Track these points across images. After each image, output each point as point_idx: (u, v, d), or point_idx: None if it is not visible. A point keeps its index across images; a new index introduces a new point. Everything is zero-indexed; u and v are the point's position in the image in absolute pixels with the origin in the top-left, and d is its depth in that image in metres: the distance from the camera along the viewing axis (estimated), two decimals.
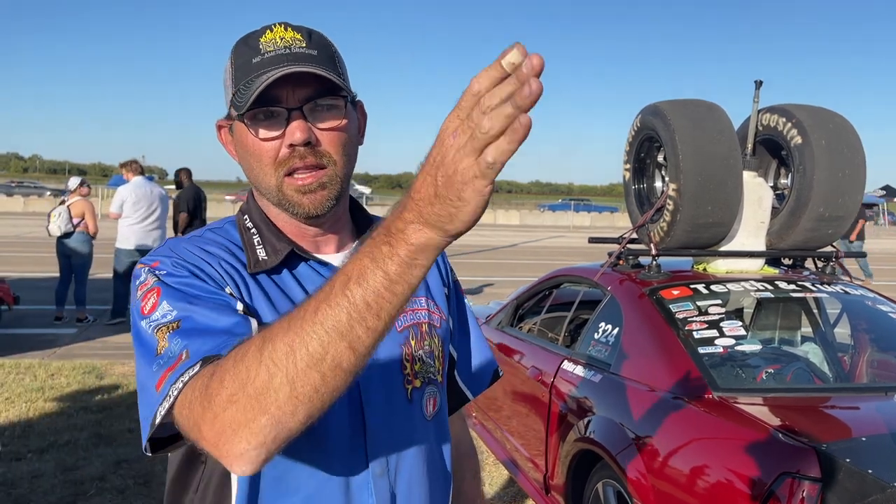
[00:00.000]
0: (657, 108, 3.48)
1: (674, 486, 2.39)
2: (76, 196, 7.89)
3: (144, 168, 8.24)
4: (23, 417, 4.85)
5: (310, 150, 0.98)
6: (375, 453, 1.03)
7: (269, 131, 0.98)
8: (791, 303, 3.46)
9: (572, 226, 33.61)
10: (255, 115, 0.98)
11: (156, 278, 0.96)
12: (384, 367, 1.05)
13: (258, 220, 1.08)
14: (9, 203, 31.47)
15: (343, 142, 1.02)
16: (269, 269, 1.03)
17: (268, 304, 1.00)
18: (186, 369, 0.83)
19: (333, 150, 1.00)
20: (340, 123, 1.01)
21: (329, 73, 0.98)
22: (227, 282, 0.99)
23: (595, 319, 3.43)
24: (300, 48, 0.99)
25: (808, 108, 3.48)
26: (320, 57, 1.00)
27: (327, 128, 1.00)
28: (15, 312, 7.75)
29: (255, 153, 1.00)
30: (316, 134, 0.99)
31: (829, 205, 3.35)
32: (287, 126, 0.98)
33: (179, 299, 0.92)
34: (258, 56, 0.98)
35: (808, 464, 2.05)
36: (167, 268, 0.97)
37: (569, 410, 3.20)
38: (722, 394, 2.57)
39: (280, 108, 0.97)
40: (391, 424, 1.05)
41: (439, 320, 1.18)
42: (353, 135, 1.05)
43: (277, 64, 0.96)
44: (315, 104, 0.99)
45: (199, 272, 0.97)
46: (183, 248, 1.01)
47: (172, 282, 0.95)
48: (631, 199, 3.93)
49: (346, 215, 1.14)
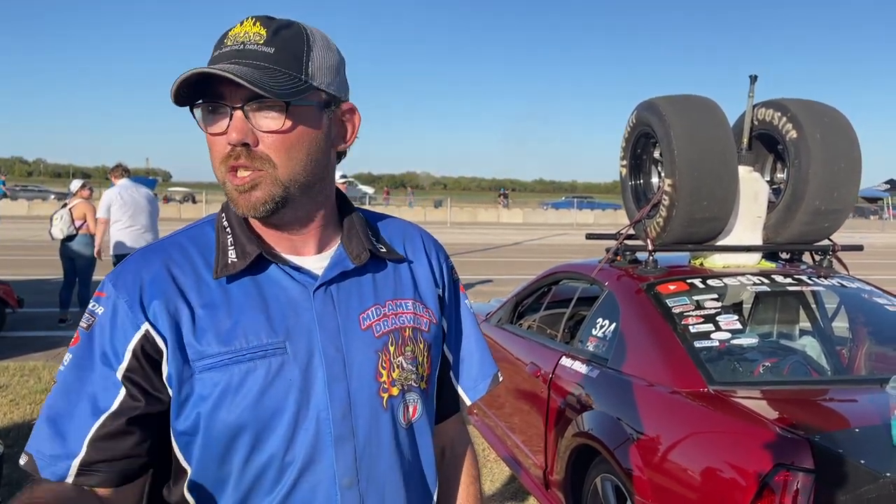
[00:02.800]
0: (652, 104, 3.49)
1: (670, 479, 2.41)
2: (77, 199, 7.89)
3: (148, 171, 8.23)
4: (27, 419, 4.89)
5: (245, 150, 0.97)
6: (343, 464, 1.02)
7: (214, 127, 0.99)
8: (788, 296, 3.48)
9: (576, 223, 33.59)
10: (207, 109, 0.99)
11: (87, 322, 1.01)
12: (358, 375, 1.04)
13: (233, 220, 1.07)
14: (13, 207, 31.59)
15: (287, 145, 0.99)
16: (237, 273, 1.03)
17: (226, 310, 1.00)
18: (23, 451, 0.98)
19: (273, 154, 0.98)
20: (280, 126, 0.98)
21: (267, 73, 0.95)
22: (162, 317, 0.99)
23: (593, 315, 3.44)
24: (253, 45, 0.97)
25: (802, 102, 3.49)
26: (275, 56, 0.97)
27: (267, 130, 0.98)
28: (19, 315, 7.80)
29: (209, 146, 1.01)
30: (257, 135, 0.98)
31: (824, 198, 3.36)
32: (229, 124, 0.98)
33: (71, 364, 1.00)
34: (218, 50, 0.99)
35: (802, 455, 2.06)
36: (99, 317, 1.00)
37: (567, 406, 3.22)
38: (718, 387, 2.59)
39: (224, 104, 0.97)
40: (362, 434, 1.03)
41: (427, 323, 1.14)
42: (308, 138, 1.01)
43: (223, 60, 0.96)
44: (259, 105, 0.97)
45: (108, 335, 0.99)
46: (131, 273, 1.02)
47: (83, 338, 1.01)
48: (628, 195, 3.95)
49: (329, 217, 1.11)
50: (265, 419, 0.98)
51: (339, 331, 1.04)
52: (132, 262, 1.04)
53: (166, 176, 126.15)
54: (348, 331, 1.05)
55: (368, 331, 1.07)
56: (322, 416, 1.01)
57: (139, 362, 0.98)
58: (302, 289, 1.04)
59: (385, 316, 1.09)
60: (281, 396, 0.99)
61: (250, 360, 0.98)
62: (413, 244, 1.21)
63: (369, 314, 1.08)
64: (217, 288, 1.02)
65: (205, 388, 0.98)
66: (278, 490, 1.00)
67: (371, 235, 1.14)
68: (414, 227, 1.26)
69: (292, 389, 0.99)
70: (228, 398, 0.97)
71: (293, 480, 1.00)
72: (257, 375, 0.98)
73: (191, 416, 0.99)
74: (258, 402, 0.98)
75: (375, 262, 1.12)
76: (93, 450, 0.96)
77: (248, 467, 1.00)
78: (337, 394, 1.02)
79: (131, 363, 0.98)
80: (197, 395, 0.98)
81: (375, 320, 1.08)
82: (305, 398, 1.00)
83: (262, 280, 1.04)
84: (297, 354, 1.01)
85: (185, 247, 1.06)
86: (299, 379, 1.00)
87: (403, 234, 1.22)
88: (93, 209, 7.88)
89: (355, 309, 1.07)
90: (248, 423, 0.98)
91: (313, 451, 1.00)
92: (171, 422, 1.01)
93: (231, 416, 0.97)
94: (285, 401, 0.99)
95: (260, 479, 1.00)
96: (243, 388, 0.98)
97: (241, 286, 1.03)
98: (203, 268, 1.04)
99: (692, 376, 2.66)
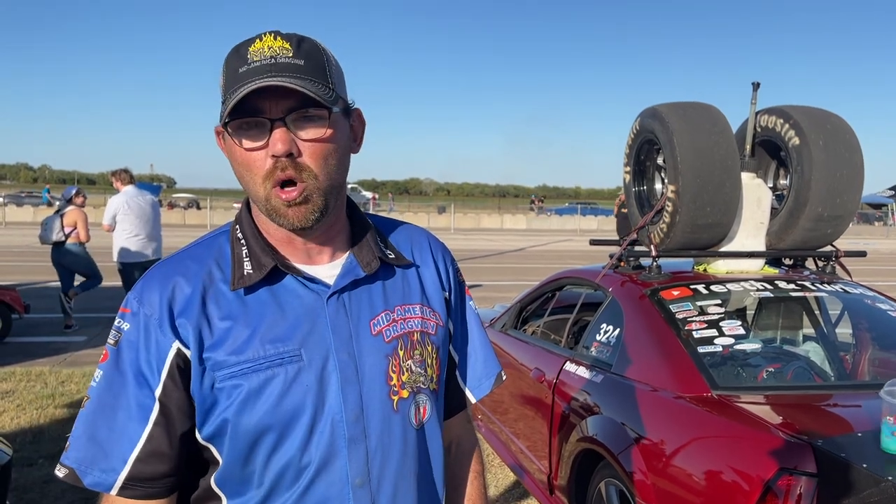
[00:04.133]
0: (656, 111, 3.51)
1: (674, 484, 2.42)
2: (71, 206, 7.85)
3: (153, 177, 8.26)
4: (34, 424, 4.92)
5: (290, 161, 1.00)
6: (356, 464, 1.05)
7: (253, 142, 1.00)
8: (791, 302, 3.49)
9: (579, 229, 33.60)
10: (240, 126, 1.00)
11: (115, 339, 1.06)
12: (369, 379, 1.07)
13: (248, 232, 1.10)
14: (19, 213, 31.76)
15: (327, 153, 1.02)
16: (253, 285, 1.06)
17: (244, 321, 1.04)
18: (59, 463, 1.04)
19: (314, 163, 1.01)
20: (324, 134, 1.01)
21: (311, 84, 0.99)
22: (187, 332, 1.03)
23: (597, 321, 3.46)
24: (285, 58, 0.99)
25: (805, 109, 3.51)
26: (307, 67, 1.00)
27: (310, 139, 1.01)
28: (26, 320, 7.85)
29: (243, 163, 1.02)
30: (299, 145, 1.00)
31: (827, 204, 3.38)
32: (270, 137, 0.99)
33: (104, 382, 1.05)
34: (245, 66, 0.99)
35: (805, 459, 2.08)
36: (126, 333, 1.05)
37: (571, 411, 3.23)
38: (722, 392, 2.60)
39: (263, 118, 0.99)
40: (373, 435, 1.07)
41: (435, 326, 1.18)
42: (341, 144, 1.05)
43: (260, 74, 0.97)
44: (299, 115, 1.00)
45: (140, 354, 1.03)
46: (156, 290, 1.05)
47: (112, 355, 1.05)
48: (631, 201, 3.97)
49: (342, 224, 1.15)
50: (285, 422, 1.03)
51: (351, 337, 1.08)
52: (153, 277, 1.08)
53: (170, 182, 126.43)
54: (360, 337, 1.09)
55: (379, 336, 1.10)
56: (336, 418, 1.05)
57: (173, 381, 1.03)
58: (316, 297, 1.08)
59: (394, 321, 1.13)
60: (298, 401, 1.03)
61: (268, 368, 1.03)
62: (420, 248, 1.24)
63: (379, 320, 1.11)
64: (234, 299, 1.06)
65: (227, 397, 1.02)
66: (295, 489, 1.04)
67: (380, 242, 1.18)
68: (421, 231, 1.30)
69: (309, 394, 1.03)
70: (250, 404, 1.02)
71: (309, 480, 1.04)
72: (276, 383, 1.02)
73: (215, 423, 1.03)
74: (277, 406, 1.02)
75: (384, 269, 1.16)
76: (136, 466, 1.02)
77: (268, 467, 1.04)
78: (350, 397, 1.05)
79: (166, 383, 1.03)
80: (220, 402, 1.03)
81: (385, 326, 1.11)
82: (321, 402, 1.04)
83: (277, 290, 1.07)
84: (312, 361, 1.04)
85: (201, 259, 1.09)
86: (315, 384, 1.04)
87: (411, 238, 1.25)
88: (84, 216, 7.81)
89: (366, 315, 1.10)
90: (270, 425, 1.02)
91: (328, 452, 1.04)
92: (197, 428, 1.06)
93: (253, 420, 1.02)
94: (302, 405, 1.03)
95: (280, 478, 1.04)
96: (263, 395, 1.02)
97: (257, 297, 1.06)
98: (220, 280, 1.07)
99: (696, 381, 2.67)
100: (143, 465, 1.02)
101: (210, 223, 29.81)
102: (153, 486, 1.04)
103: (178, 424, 1.04)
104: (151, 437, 1.03)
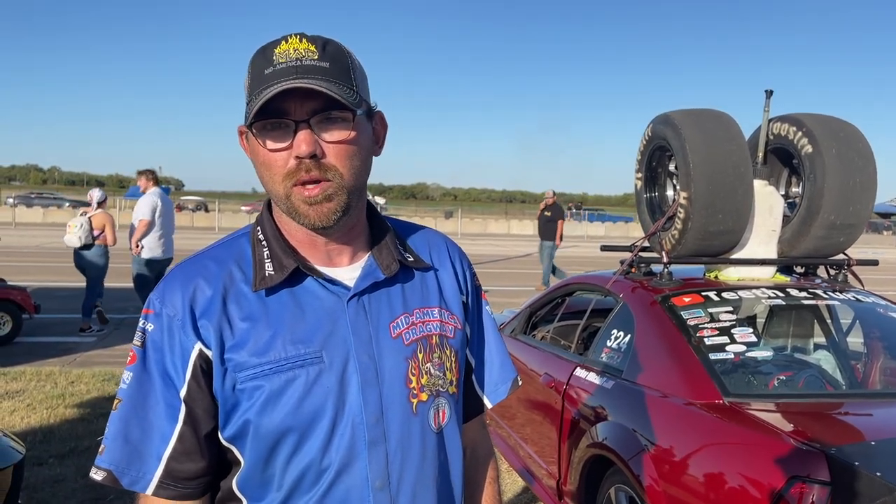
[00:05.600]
0: (668, 118, 3.52)
1: (685, 491, 2.42)
2: (99, 209, 7.93)
3: (161, 179, 8.36)
4: (44, 423, 4.94)
5: (315, 162, 1.00)
6: (376, 467, 1.05)
7: (276, 143, 1.01)
8: (803, 310, 3.48)
9: (586, 235, 33.56)
10: (264, 126, 1.01)
11: (140, 340, 1.07)
12: (389, 381, 1.08)
13: (269, 234, 1.11)
14: (29, 214, 31.93)
15: (350, 154, 1.03)
16: (274, 286, 1.06)
17: (265, 322, 1.05)
18: (94, 466, 1.05)
19: (339, 163, 1.02)
20: (348, 136, 1.02)
21: (336, 86, 0.99)
22: (209, 333, 1.04)
23: (607, 326, 3.46)
24: (311, 60, 1.00)
25: (818, 117, 3.51)
26: (332, 69, 1.00)
27: (334, 140, 1.01)
28: (36, 321, 7.89)
29: (266, 163, 1.02)
30: (322, 146, 1.01)
31: (840, 213, 3.37)
32: (294, 138, 1.00)
33: (134, 383, 1.06)
34: (270, 67, 0.99)
35: (818, 467, 2.07)
36: (150, 334, 1.06)
37: (581, 417, 3.23)
38: (733, 399, 2.60)
39: (288, 120, 1.00)
40: (393, 438, 1.07)
41: (453, 330, 1.18)
42: (364, 146, 1.06)
43: (286, 76, 0.98)
44: (323, 116, 1.00)
45: (165, 355, 1.04)
46: (178, 291, 1.06)
47: (139, 356, 1.06)
48: (643, 207, 3.97)
49: (362, 226, 1.15)
50: (306, 423, 1.03)
51: (371, 339, 1.08)
52: (175, 278, 1.09)
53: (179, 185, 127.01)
54: (380, 339, 1.09)
55: (398, 339, 1.10)
56: (356, 420, 1.05)
57: (197, 382, 1.04)
58: (336, 299, 1.08)
59: (413, 324, 1.13)
60: (319, 402, 1.03)
61: (290, 369, 1.03)
62: (439, 252, 1.25)
63: (399, 323, 1.12)
64: (256, 301, 1.06)
65: (249, 397, 1.02)
66: (315, 491, 1.04)
67: (399, 245, 1.18)
68: (439, 235, 1.30)
69: (330, 396, 1.04)
70: (271, 405, 1.02)
71: (329, 482, 1.04)
72: (297, 384, 1.03)
73: (237, 424, 1.04)
74: (298, 407, 1.02)
75: (403, 272, 1.16)
76: (169, 465, 1.03)
77: (289, 469, 1.04)
78: (370, 399, 1.06)
79: (190, 384, 1.04)
80: (242, 403, 1.03)
81: (405, 328, 1.12)
82: (341, 404, 1.04)
83: (298, 292, 1.08)
84: (332, 363, 1.05)
85: (222, 261, 1.10)
86: (336, 386, 1.04)
87: (429, 242, 1.26)
88: (111, 219, 7.96)
89: (385, 318, 1.11)
90: (291, 427, 1.02)
91: (349, 454, 1.04)
92: (220, 429, 1.06)
93: (274, 421, 1.02)
94: (323, 406, 1.03)
95: (300, 480, 1.04)
96: (284, 396, 1.02)
97: (278, 298, 1.07)
98: (241, 281, 1.08)
99: (707, 388, 2.67)
100: (176, 464, 1.04)
101: (218, 226, 29.91)
102: (187, 487, 1.05)
103: (203, 425, 1.05)
104: (182, 436, 1.04)
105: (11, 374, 6.15)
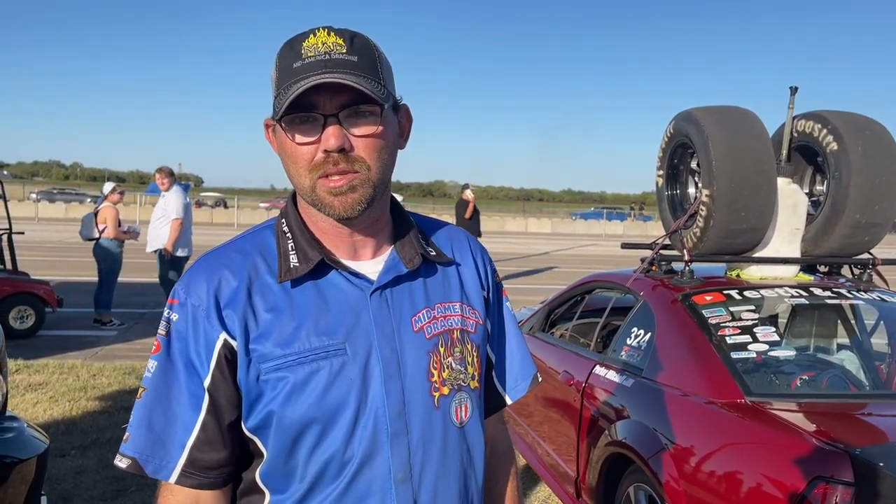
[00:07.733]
0: (690, 115, 3.49)
1: (705, 490, 2.40)
2: (106, 202, 8.02)
3: (181, 176, 8.46)
4: (66, 416, 5.01)
5: (343, 156, 1.01)
6: (398, 459, 1.06)
7: (305, 136, 1.01)
8: (826, 310, 3.44)
9: (605, 234, 33.42)
10: (292, 120, 1.01)
11: (165, 329, 1.07)
12: (411, 375, 1.08)
13: (294, 226, 1.11)
14: (51, 209, 32.38)
15: (378, 148, 1.03)
16: (299, 278, 1.07)
17: (289, 314, 1.05)
18: (119, 454, 1.06)
19: (367, 156, 1.02)
20: (376, 130, 1.02)
21: (365, 81, 1.00)
22: (233, 323, 1.04)
23: (627, 325, 3.44)
24: (340, 54, 1.00)
25: (844, 114, 3.46)
26: (360, 63, 1.01)
27: (362, 134, 1.02)
28: (58, 314, 7.99)
29: (293, 156, 1.03)
30: (351, 140, 1.01)
31: (865, 211, 3.33)
32: (323, 132, 1.00)
33: (158, 372, 1.06)
34: (299, 61, 1.00)
35: (842, 468, 2.05)
36: (175, 324, 1.06)
37: (600, 415, 3.22)
38: (755, 399, 2.57)
39: (316, 114, 1.00)
40: (415, 431, 1.07)
41: (475, 325, 1.18)
42: (390, 140, 1.07)
43: (315, 70, 0.98)
44: (351, 111, 1.01)
45: (190, 344, 1.05)
46: (203, 281, 1.06)
47: (164, 345, 1.07)
48: (664, 205, 3.94)
49: (386, 219, 1.15)
50: (329, 415, 1.03)
51: (393, 332, 1.08)
52: (200, 269, 1.09)
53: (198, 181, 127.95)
54: (402, 333, 1.09)
55: (420, 333, 1.11)
56: (379, 412, 1.05)
57: (221, 372, 1.05)
58: (360, 292, 1.09)
59: (435, 318, 1.13)
60: (343, 394, 1.03)
61: (314, 360, 1.03)
62: (460, 247, 1.25)
63: (421, 317, 1.12)
64: (280, 292, 1.06)
65: (273, 388, 1.03)
66: (337, 483, 1.04)
67: (421, 239, 1.18)
68: (461, 230, 1.30)
69: (353, 388, 1.04)
70: (295, 396, 1.02)
71: (352, 474, 1.04)
72: (321, 375, 1.03)
73: (261, 414, 1.04)
74: (322, 399, 1.03)
75: (426, 266, 1.16)
76: (192, 453, 1.04)
77: (311, 461, 1.04)
78: (392, 392, 1.06)
79: (214, 374, 1.05)
80: (266, 394, 1.03)
81: (426, 322, 1.12)
82: (364, 396, 1.04)
83: (322, 284, 1.08)
84: (356, 355, 1.05)
85: (247, 252, 1.10)
86: (359, 378, 1.04)
87: (451, 237, 1.26)
88: (114, 214, 7.98)
89: (408, 311, 1.11)
90: (314, 418, 1.03)
91: (371, 446, 1.05)
92: (243, 419, 1.07)
93: (298, 412, 1.02)
94: (346, 398, 1.03)
95: (323, 472, 1.04)
96: (308, 387, 1.03)
97: (302, 290, 1.07)
98: (266, 273, 1.08)
99: (729, 387, 2.64)
100: (198, 453, 1.04)
101: (237, 222, 30.11)
102: (209, 476, 1.06)
103: (226, 415, 1.05)
104: (205, 425, 1.04)
105: (35, 367, 6.23)
